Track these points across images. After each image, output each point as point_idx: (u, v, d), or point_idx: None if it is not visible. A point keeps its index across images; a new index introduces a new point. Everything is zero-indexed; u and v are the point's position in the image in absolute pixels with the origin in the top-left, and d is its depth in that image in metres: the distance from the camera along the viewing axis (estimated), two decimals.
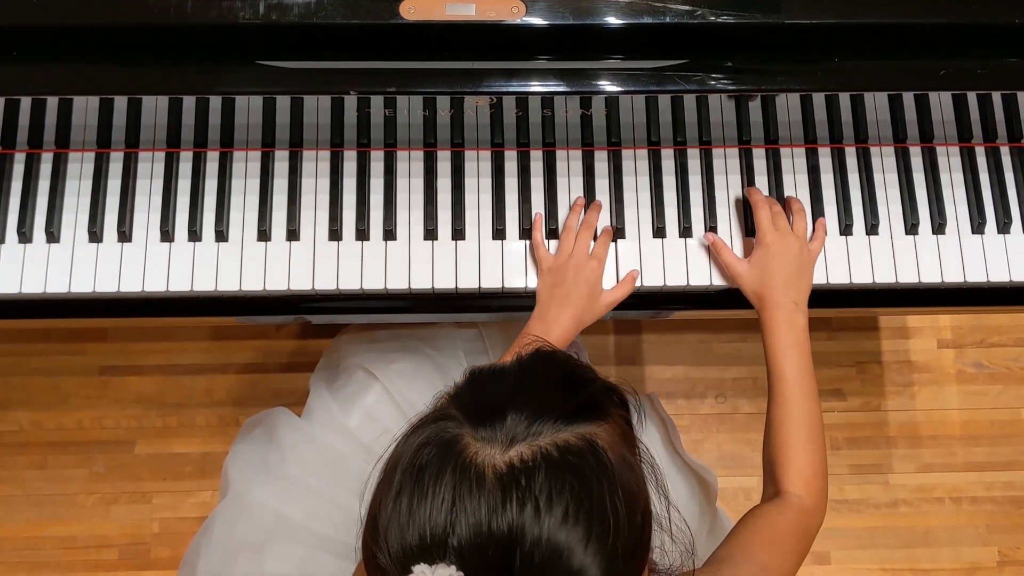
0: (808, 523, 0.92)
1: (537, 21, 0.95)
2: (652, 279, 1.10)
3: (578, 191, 1.11)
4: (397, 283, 1.08)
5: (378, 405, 1.15)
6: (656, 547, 0.73)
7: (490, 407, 0.62)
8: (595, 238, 1.08)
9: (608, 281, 1.09)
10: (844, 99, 1.14)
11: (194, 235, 1.09)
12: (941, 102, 1.15)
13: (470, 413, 0.62)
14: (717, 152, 1.14)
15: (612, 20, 0.96)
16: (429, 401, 0.69)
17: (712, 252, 1.09)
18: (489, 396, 0.64)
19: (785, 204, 1.09)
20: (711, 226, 1.11)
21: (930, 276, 1.11)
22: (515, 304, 1.14)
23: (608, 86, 0.99)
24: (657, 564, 0.78)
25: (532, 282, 1.10)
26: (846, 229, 1.11)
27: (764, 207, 1.05)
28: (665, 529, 0.71)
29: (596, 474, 0.60)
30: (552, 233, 1.10)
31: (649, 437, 1.25)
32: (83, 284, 1.07)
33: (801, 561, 0.89)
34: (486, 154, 1.12)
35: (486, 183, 1.12)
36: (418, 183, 1.11)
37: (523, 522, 0.57)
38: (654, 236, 1.11)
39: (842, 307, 1.16)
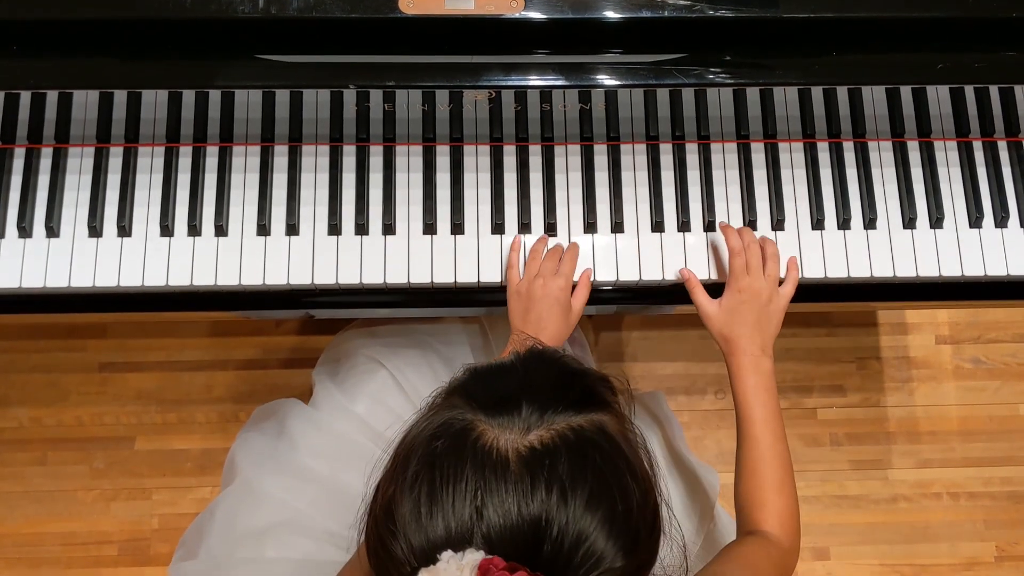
0: (786, 563, 0.93)
1: (536, 15, 0.96)
2: (651, 274, 1.11)
3: (577, 186, 1.12)
4: (396, 277, 1.09)
5: (384, 390, 1.16)
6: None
7: (503, 397, 0.62)
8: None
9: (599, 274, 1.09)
10: (842, 94, 1.14)
11: (194, 229, 1.09)
12: (939, 97, 1.15)
13: (482, 403, 0.62)
14: (716, 147, 1.14)
15: (611, 14, 0.96)
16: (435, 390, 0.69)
17: (686, 287, 1.09)
18: (500, 388, 0.64)
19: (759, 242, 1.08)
20: (709, 220, 1.11)
21: (928, 270, 1.12)
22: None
23: (607, 80, 1.00)
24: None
25: None
26: (844, 223, 1.12)
27: (739, 255, 1.05)
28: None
29: (611, 457, 0.61)
30: (551, 228, 1.10)
31: (648, 437, 1.25)
32: (83, 278, 1.08)
33: None
34: (485, 149, 1.13)
35: (485, 178, 1.12)
36: (417, 178, 1.11)
37: (550, 508, 0.57)
38: (652, 231, 1.11)
39: (840, 301, 1.16)
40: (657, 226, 1.11)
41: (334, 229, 1.09)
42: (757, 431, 0.98)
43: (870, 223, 1.12)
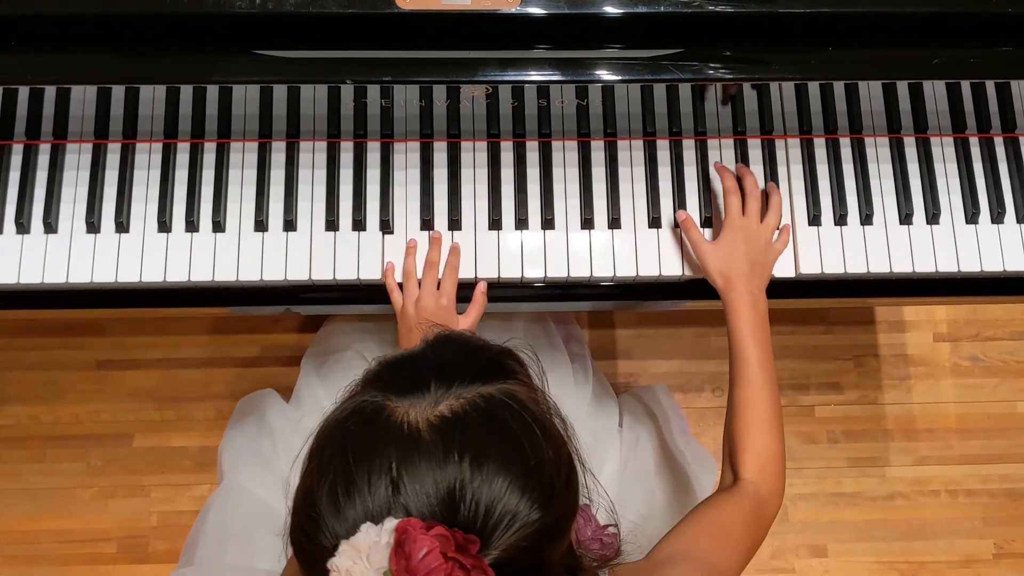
0: (763, 511, 0.92)
1: (533, 10, 0.96)
2: (648, 269, 1.11)
3: (574, 181, 1.12)
4: (395, 273, 1.09)
5: None
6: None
7: (411, 379, 0.63)
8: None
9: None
10: (839, 89, 1.14)
11: (191, 226, 1.09)
12: (935, 93, 1.15)
13: (392, 387, 0.63)
14: (712, 143, 1.14)
15: (608, 9, 0.96)
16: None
17: (681, 229, 1.09)
18: (409, 371, 0.65)
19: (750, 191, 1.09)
20: (706, 216, 1.11)
21: (924, 266, 1.12)
22: (511, 295, 1.14)
23: (604, 75, 1.00)
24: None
25: (528, 272, 1.10)
26: (840, 219, 1.12)
27: (735, 194, 1.06)
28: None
29: (521, 417, 0.62)
30: (548, 223, 1.11)
31: (641, 432, 1.25)
32: (81, 274, 1.08)
33: (754, 549, 0.89)
34: (482, 145, 1.13)
35: (482, 174, 1.12)
36: (414, 174, 1.11)
37: (463, 472, 0.57)
38: (649, 227, 1.12)
39: (836, 297, 1.16)
40: (654, 222, 1.11)
41: (331, 225, 1.09)
42: (751, 371, 0.98)
43: (866, 219, 1.12)
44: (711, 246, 1.05)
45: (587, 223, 1.11)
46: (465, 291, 1.12)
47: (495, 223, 1.10)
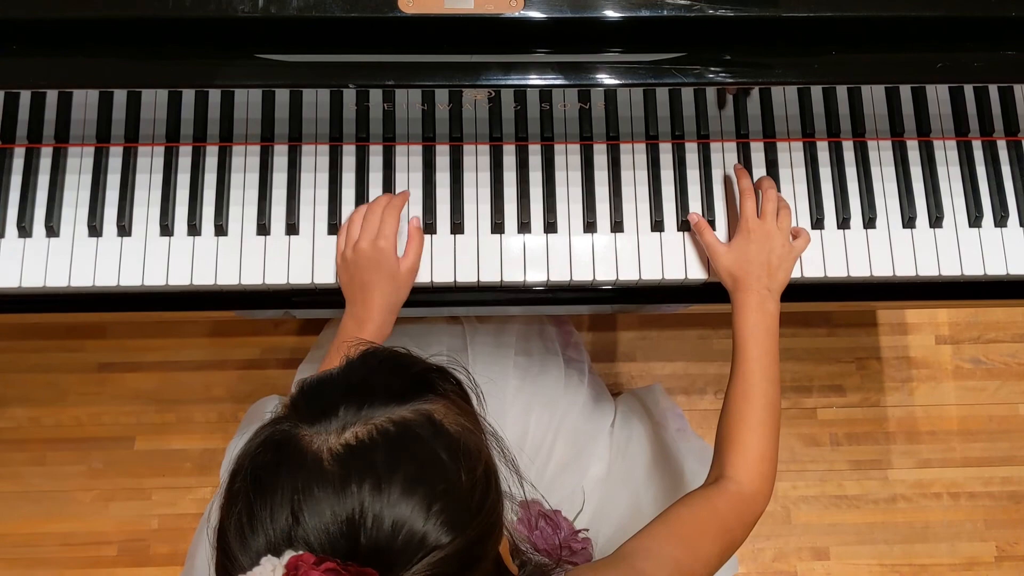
0: (744, 511, 0.90)
1: (535, 14, 0.95)
2: (650, 273, 1.11)
3: (576, 184, 1.12)
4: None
5: None
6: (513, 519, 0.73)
7: (322, 405, 0.62)
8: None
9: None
10: (842, 93, 1.14)
11: (193, 229, 1.09)
12: (938, 96, 1.15)
13: (303, 415, 0.62)
14: (715, 146, 1.14)
15: (610, 13, 0.96)
16: None
17: (694, 231, 1.09)
18: (321, 397, 0.64)
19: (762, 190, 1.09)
20: (708, 220, 1.11)
21: (927, 270, 1.12)
22: (513, 298, 1.14)
23: (606, 79, 0.99)
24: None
25: (530, 276, 1.10)
26: (843, 223, 1.12)
27: (751, 197, 1.06)
28: (513, 497, 0.72)
29: (432, 441, 0.61)
30: (551, 227, 1.10)
31: (632, 434, 1.25)
32: (83, 278, 1.08)
33: (731, 549, 0.87)
34: (484, 148, 1.13)
35: (484, 177, 1.12)
36: (417, 177, 1.11)
37: (363, 499, 0.57)
38: (652, 230, 1.11)
39: (840, 301, 1.17)
40: (657, 225, 1.11)
41: (334, 228, 1.09)
42: (747, 368, 0.97)
43: (869, 222, 1.12)
44: (724, 247, 1.05)
45: (590, 226, 1.11)
46: (465, 294, 1.12)
47: (497, 226, 1.10)
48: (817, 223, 1.12)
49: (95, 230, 1.08)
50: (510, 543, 0.76)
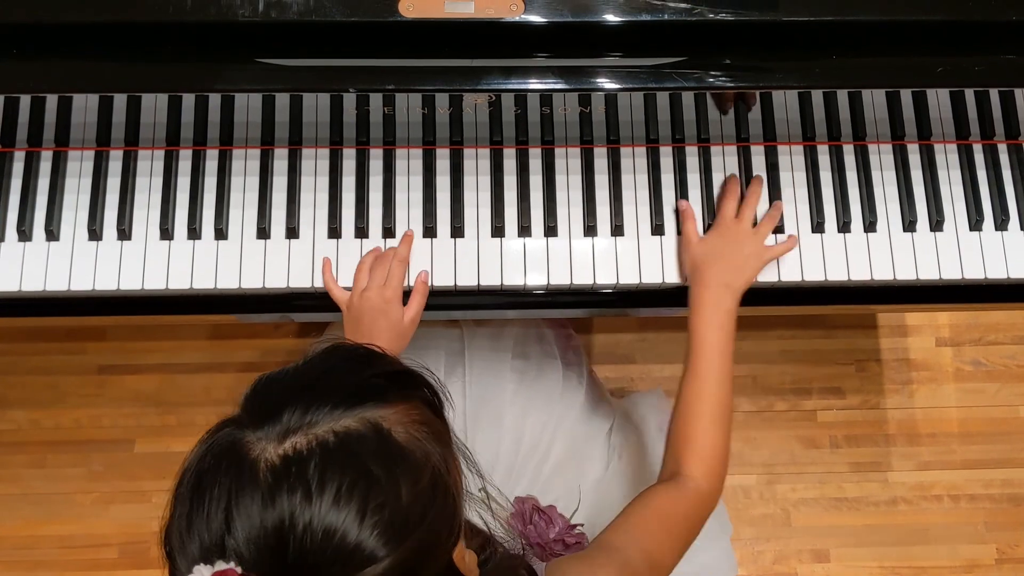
0: (702, 508, 0.92)
1: (536, 18, 0.96)
2: (651, 276, 1.11)
3: (577, 188, 1.12)
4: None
5: None
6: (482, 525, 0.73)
7: (268, 406, 0.62)
8: None
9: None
10: (842, 97, 1.14)
11: (193, 233, 1.09)
12: (939, 100, 1.15)
13: (251, 414, 0.62)
14: (716, 150, 1.14)
15: (611, 17, 0.96)
16: None
17: (680, 217, 1.10)
18: (269, 396, 0.64)
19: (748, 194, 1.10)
20: (708, 223, 1.11)
21: (928, 273, 1.12)
22: (513, 302, 1.14)
23: (607, 83, 0.99)
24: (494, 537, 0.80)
25: (531, 280, 1.10)
26: (844, 227, 1.12)
27: (732, 199, 1.08)
28: (480, 503, 0.72)
29: (374, 453, 0.60)
30: (551, 231, 1.10)
31: (629, 437, 1.25)
32: (83, 282, 1.07)
33: (689, 543, 0.89)
34: (485, 152, 1.13)
35: (485, 181, 1.12)
36: (417, 181, 1.11)
37: (292, 509, 0.57)
38: (652, 234, 1.11)
39: (840, 304, 1.16)
40: (657, 229, 1.11)
41: (334, 232, 1.09)
42: (700, 365, 0.98)
43: (870, 226, 1.12)
44: (697, 239, 1.07)
45: (590, 230, 1.11)
46: (464, 296, 1.12)
47: (498, 230, 1.10)
48: (818, 227, 1.12)
49: (95, 234, 1.08)
50: (483, 538, 0.76)
